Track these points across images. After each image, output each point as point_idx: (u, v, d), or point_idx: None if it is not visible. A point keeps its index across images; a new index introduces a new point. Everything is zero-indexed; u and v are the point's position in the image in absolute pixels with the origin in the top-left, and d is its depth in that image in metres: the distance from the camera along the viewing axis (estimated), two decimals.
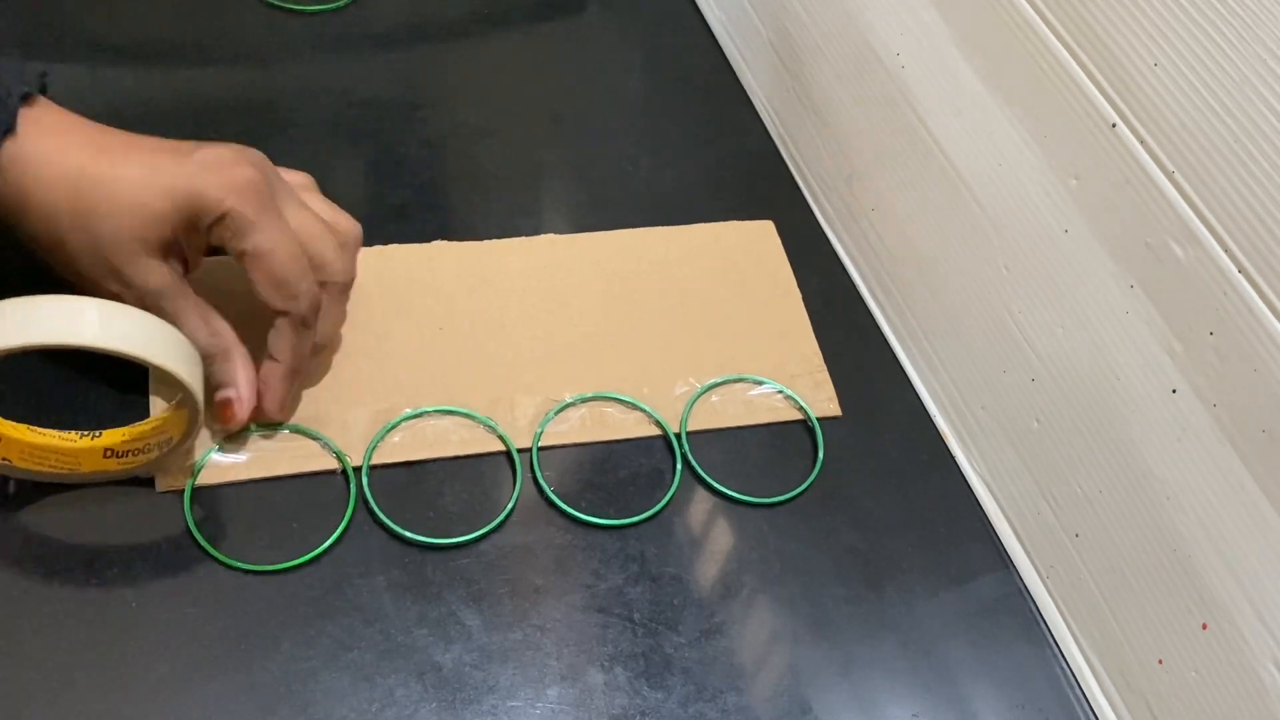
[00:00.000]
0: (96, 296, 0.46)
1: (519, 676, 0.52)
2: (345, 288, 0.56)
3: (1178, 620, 0.52)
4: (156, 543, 0.52)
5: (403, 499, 0.56)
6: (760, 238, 0.71)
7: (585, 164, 0.75)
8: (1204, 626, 0.50)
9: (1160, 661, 0.53)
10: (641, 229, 0.70)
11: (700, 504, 0.60)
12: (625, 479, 0.59)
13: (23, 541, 0.51)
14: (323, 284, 0.53)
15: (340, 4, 0.79)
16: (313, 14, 0.79)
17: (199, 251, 0.53)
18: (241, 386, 0.53)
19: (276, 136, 0.71)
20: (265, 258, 0.50)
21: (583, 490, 0.59)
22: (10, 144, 0.48)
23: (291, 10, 0.78)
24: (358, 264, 0.57)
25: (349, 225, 0.56)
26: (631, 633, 0.54)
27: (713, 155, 0.77)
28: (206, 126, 0.70)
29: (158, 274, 0.50)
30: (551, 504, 0.57)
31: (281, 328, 0.53)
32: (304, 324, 0.53)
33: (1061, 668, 0.58)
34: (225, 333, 0.53)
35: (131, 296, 0.50)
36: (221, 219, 0.49)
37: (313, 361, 0.56)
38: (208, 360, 0.52)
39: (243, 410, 0.53)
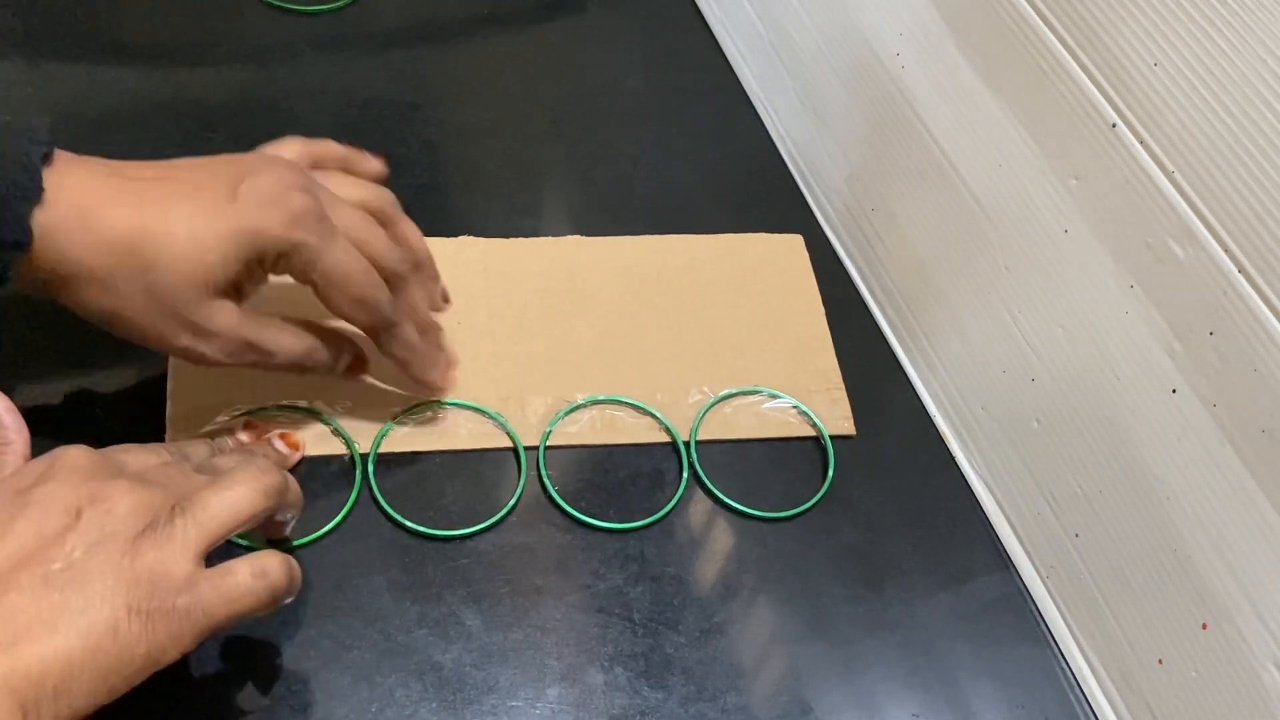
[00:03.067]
0: (166, 351, 0.48)
1: (519, 676, 0.52)
2: (413, 267, 0.54)
3: (1178, 620, 0.52)
4: None
5: (408, 490, 0.56)
6: (787, 251, 0.71)
7: (585, 164, 0.75)
8: (1204, 626, 0.50)
9: (1160, 661, 0.53)
10: (667, 235, 0.70)
11: (701, 505, 0.60)
12: (625, 479, 0.59)
13: None
14: (388, 278, 0.51)
15: (340, 4, 0.79)
16: (313, 14, 0.79)
17: (258, 282, 0.50)
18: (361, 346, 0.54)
19: (276, 137, 0.71)
20: (340, 283, 0.49)
21: (583, 490, 0.59)
22: (41, 213, 0.43)
23: (291, 10, 0.78)
24: None
25: (380, 199, 0.54)
26: (631, 633, 0.54)
27: (712, 155, 0.77)
28: (206, 126, 0.70)
29: (228, 312, 0.48)
30: (554, 503, 0.58)
31: (378, 340, 0.53)
32: (392, 325, 0.52)
33: (1061, 668, 0.58)
34: (311, 335, 0.52)
35: (209, 343, 0.48)
36: (287, 253, 0.48)
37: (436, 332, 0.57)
38: (302, 359, 0.51)
39: (364, 364, 0.55)
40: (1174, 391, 0.51)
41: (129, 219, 0.45)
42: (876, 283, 0.72)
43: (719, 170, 0.76)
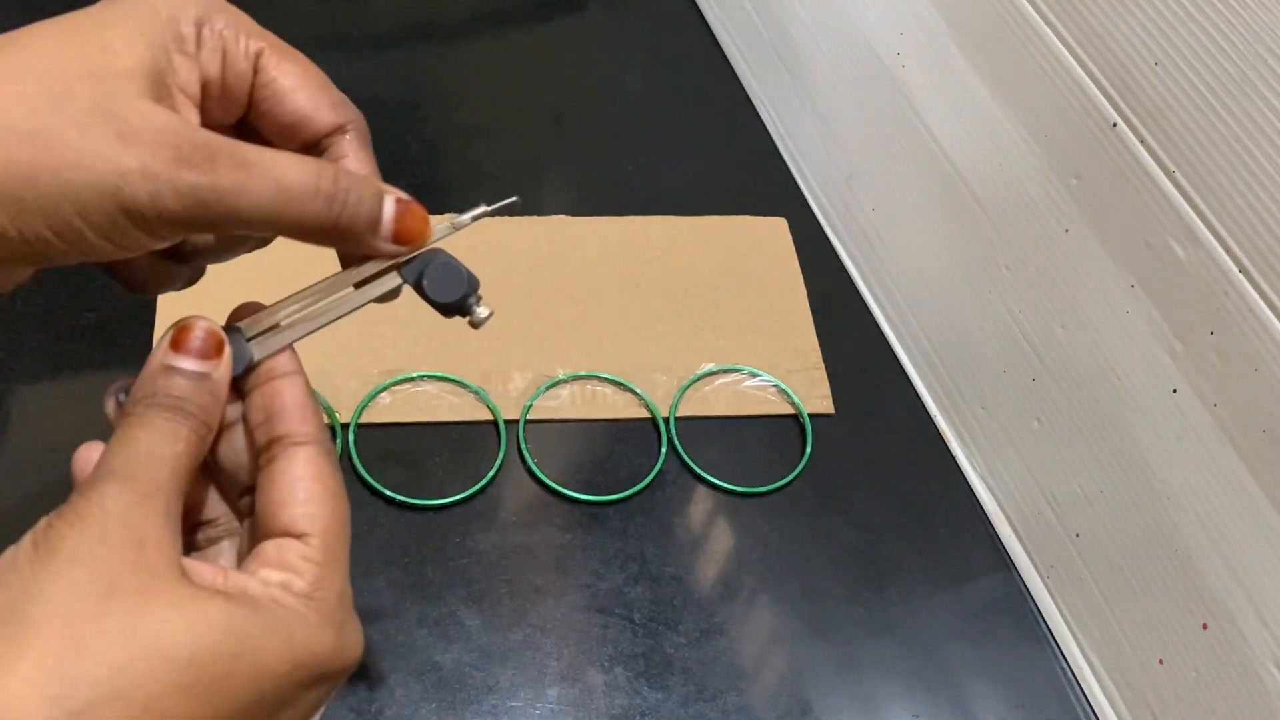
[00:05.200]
0: (101, 202, 0.31)
1: (519, 676, 0.52)
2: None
3: (1178, 620, 0.52)
4: None
5: (389, 462, 0.57)
6: (771, 233, 0.72)
7: (585, 163, 0.75)
8: (1204, 626, 0.50)
9: (1160, 661, 0.53)
10: (653, 216, 0.71)
11: (701, 503, 0.60)
12: (604, 454, 0.60)
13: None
14: None
15: None
16: (312, 12, 0.78)
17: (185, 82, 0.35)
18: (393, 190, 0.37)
19: None
20: (295, 56, 0.38)
21: (562, 463, 0.59)
22: None
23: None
24: None
25: None
26: (631, 633, 0.54)
27: (713, 155, 0.77)
28: None
29: (163, 113, 0.32)
30: (533, 475, 0.58)
31: (352, 144, 0.38)
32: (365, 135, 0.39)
33: (1062, 668, 0.58)
34: (320, 162, 0.36)
35: (147, 155, 0.31)
36: (211, 19, 0.35)
37: None
38: (344, 208, 0.35)
39: (422, 219, 0.39)
40: (1174, 391, 0.51)
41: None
42: (876, 281, 0.72)
43: (718, 169, 0.76)
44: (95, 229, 0.31)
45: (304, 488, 0.33)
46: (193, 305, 0.59)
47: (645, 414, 0.62)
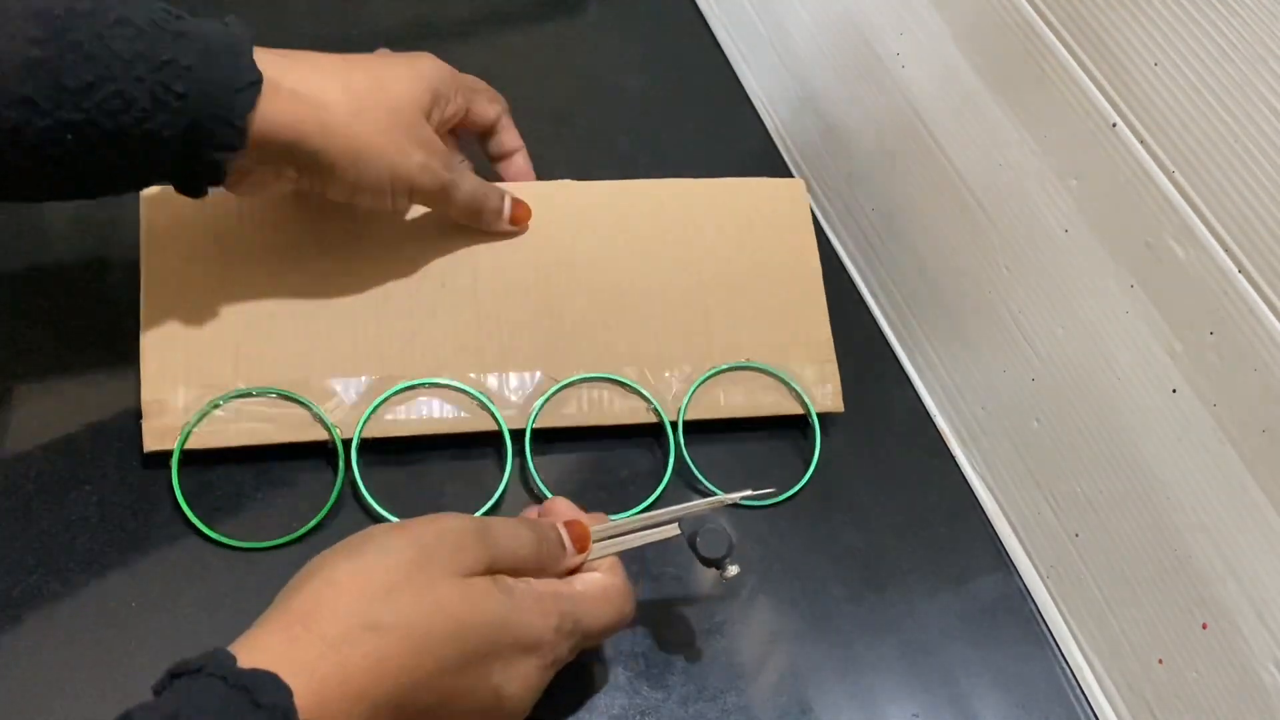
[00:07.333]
0: (398, 177, 0.53)
1: None
2: None
3: (1178, 620, 0.52)
4: (149, 524, 0.52)
5: (391, 478, 0.56)
6: (788, 197, 0.68)
7: (585, 164, 0.75)
8: (1204, 626, 0.50)
9: (1160, 661, 0.53)
10: (662, 180, 0.67)
11: (687, 493, 0.59)
12: (612, 466, 0.60)
13: (21, 534, 0.51)
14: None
15: None
16: (312, 12, 0.79)
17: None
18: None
19: None
20: (486, 90, 0.63)
21: (570, 479, 0.59)
22: (263, 61, 0.49)
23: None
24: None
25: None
26: (631, 633, 0.54)
27: (713, 155, 0.77)
28: None
29: (434, 133, 0.56)
30: (536, 483, 0.57)
31: (506, 125, 0.65)
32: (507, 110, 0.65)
33: (1062, 668, 0.58)
34: (482, 181, 0.61)
35: (435, 158, 0.55)
36: (459, 86, 0.59)
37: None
38: (483, 199, 0.60)
39: (528, 212, 0.63)
40: (1174, 391, 0.51)
41: (348, 63, 0.53)
42: (876, 281, 0.72)
43: (719, 169, 0.76)
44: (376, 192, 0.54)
45: (608, 563, 0.50)
46: (186, 313, 0.58)
47: (653, 419, 0.61)
